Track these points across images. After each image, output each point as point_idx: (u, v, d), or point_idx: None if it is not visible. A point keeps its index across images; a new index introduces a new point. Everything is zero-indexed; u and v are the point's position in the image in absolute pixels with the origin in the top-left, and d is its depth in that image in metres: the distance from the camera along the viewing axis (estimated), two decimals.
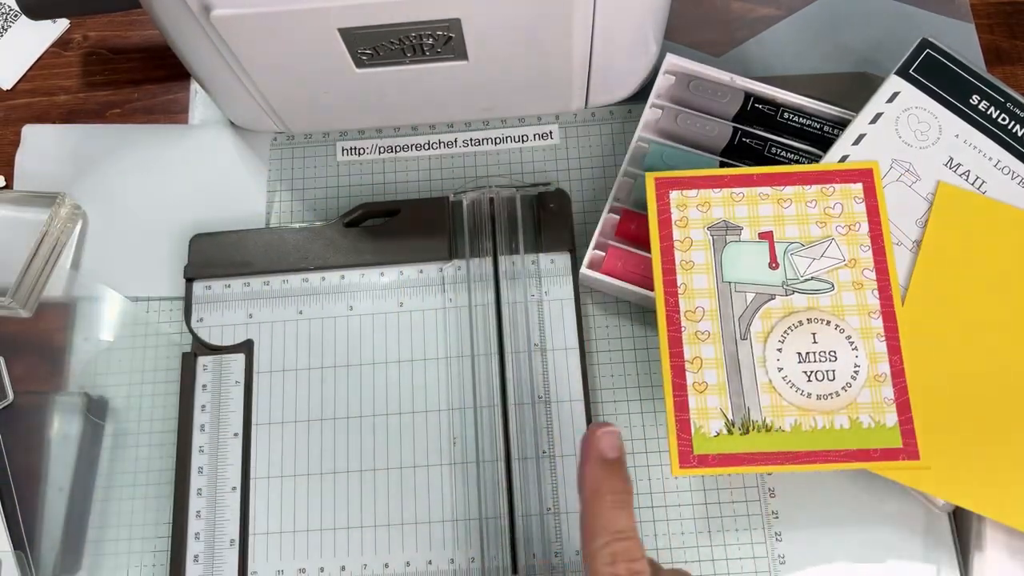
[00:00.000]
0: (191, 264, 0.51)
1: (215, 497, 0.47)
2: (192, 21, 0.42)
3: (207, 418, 0.49)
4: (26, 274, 0.51)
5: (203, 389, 0.49)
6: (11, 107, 0.58)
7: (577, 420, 0.47)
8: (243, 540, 0.47)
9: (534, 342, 0.49)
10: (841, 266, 0.44)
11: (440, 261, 0.51)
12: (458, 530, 0.46)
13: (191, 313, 0.50)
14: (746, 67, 0.56)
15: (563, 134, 0.55)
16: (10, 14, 0.60)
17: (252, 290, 0.51)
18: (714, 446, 0.42)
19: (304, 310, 0.50)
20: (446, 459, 0.47)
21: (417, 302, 0.50)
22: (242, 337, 0.50)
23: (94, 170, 0.55)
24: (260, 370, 0.49)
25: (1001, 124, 0.47)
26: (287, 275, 0.51)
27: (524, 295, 0.50)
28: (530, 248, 0.50)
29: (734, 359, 0.43)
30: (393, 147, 0.55)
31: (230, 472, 0.48)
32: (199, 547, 0.46)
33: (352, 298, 0.50)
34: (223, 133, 0.56)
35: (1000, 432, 0.43)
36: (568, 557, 0.45)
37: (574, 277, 0.50)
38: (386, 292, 0.51)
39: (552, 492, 0.46)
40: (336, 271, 0.51)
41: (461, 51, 0.45)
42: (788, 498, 0.47)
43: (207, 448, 0.48)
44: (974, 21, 0.57)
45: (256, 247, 0.51)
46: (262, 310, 0.50)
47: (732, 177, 0.46)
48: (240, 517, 0.47)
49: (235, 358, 0.50)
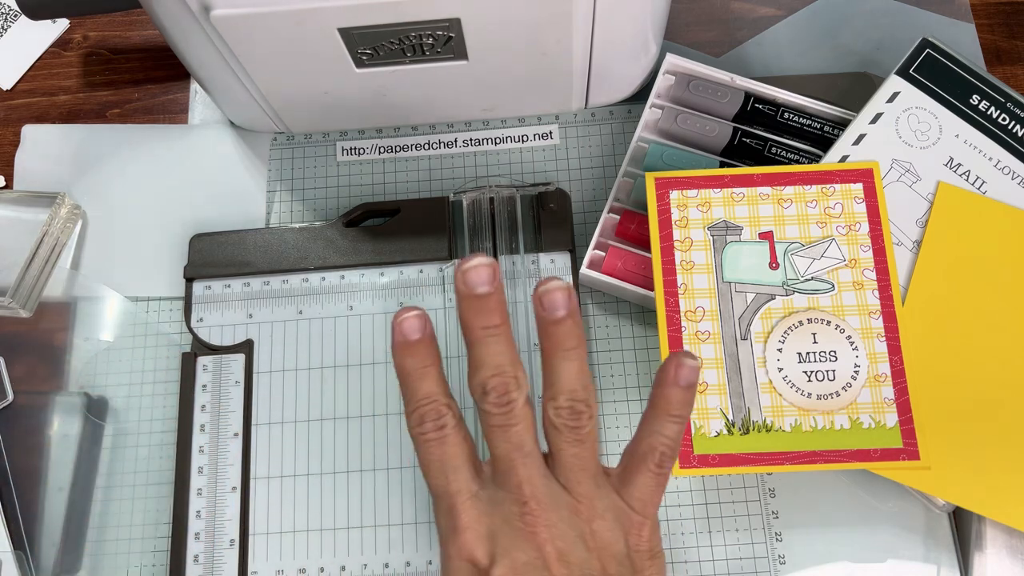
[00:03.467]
0: (191, 264, 0.51)
1: (215, 497, 0.47)
2: (192, 21, 0.42)
3: (207, 418, 0.49)
4: (26, 274, 0.51)
5: (203, 389, 0.49)
6: (11, 107, 0.58)
7: None
8: (243, 540, 0.47)
9: (533, 342, 0.48)
10: (841, 266, 0.44)
11: (440, 261, 0.51)
12: None
13: (191, 313, 0.50)
14: (746, 67, 0.56)
15: (563, 134, 0.55)
16: (10, 14, 0.60)
17: (252, 290, 0.51)
18: (714, 446, 0.42)
19: (304, 310, 0.50)
20: None
21: (417, 302, 0.50)
22: (242, 337, 0.50)
23: (94, 170, 0.55)
24: (260, 370, 0.49)
25: (1001, 124, 0.47)
26: (287, 275, 0.51)
27: (524, 295, 0.49)
28: (530, 248, 0.51)
29: (734, 359, 0.43)
30: (393, 147, 0.55)
31: (230, 472, 0.48)
32: (199, 547, 0.46)
33: (352, 298, 0.51)
34: (223, 133, 0.56)
35: (1000, 432, 0.43)
36: None
37: (574, 277, 0.50)
38: (386, 292, 0.51)
39: None
40: (336, 271, 0.51)
41: (461, 51, 0.45)
42: (788, 498, 0.47)
43: (207, 448, 0.48)
44: (974, 21, 0.57)
45: (256, 247, 0.51)
46: (262, 310, 0.50)
47: (732, 177, 0.46)
48: (240, 517, 0.47)
49: (235, 358, 0.50)
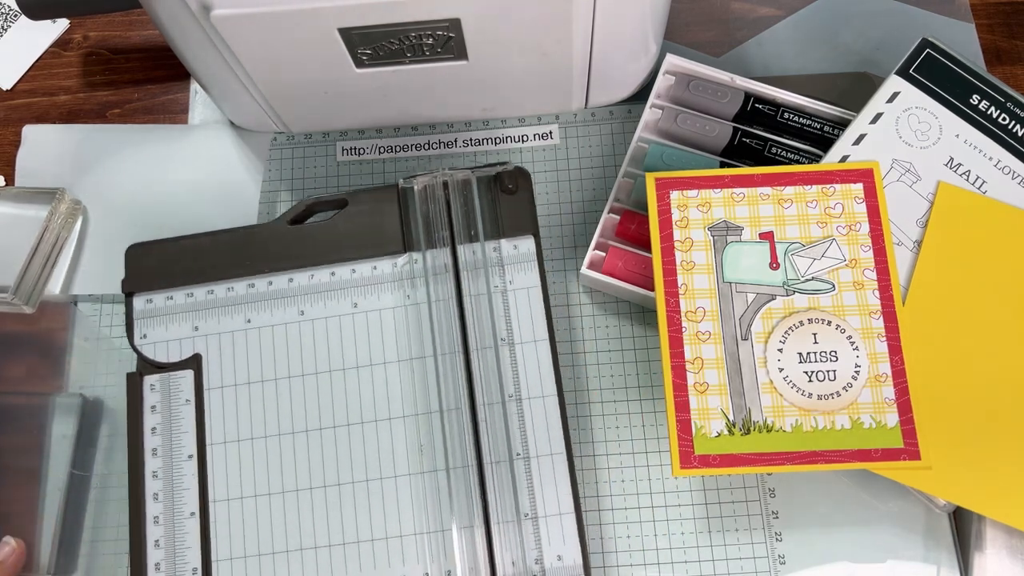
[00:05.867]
0: (129, 277, 0.48)
1: (173, 524, 0.45)
2: (192, 21, 0.42)
3: (158, 441, 0.46)
4: (28, 270, 0.51)
5: (152, 410, 0.46)
6: (11, 107, 0.58)
7: (551, 417, 0.45)
8: (206, 568, 0.44)
9: (500, 336, 0.46)
10: (842, 266, 0.44)
11: (394, 255, 0.48)
12: (432, 542, 0.44)
13: (133, 330, 0.47)
14: (746, 67, 0.56)
15: (563, 134, 0.55)
16: (10, 14, 0.60)
17: (196, 300, 0.48)
18: (715, 446, 0.42)
19: (252, 318, 0.47)
20: (414, 468, 0.45)
21: (373, 301, 0.47)
22: (189, 352, 0.47)
23: (94, 170, 0.55)
24: (211, 386, 0.46)
25: (1001, 124, 0.47)
26: (232, 282, 0.48)
27: (487, 286, 0.47)
28: (490, 234, 0.47)
29: (735, 359, 0.43)
30: (393, 147, 0.55)
31: (187, 497, 0.45)
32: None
33: (303, 302, 0.47)
34: (223, 133, 0.56)
35: (1001, 432, 0.43)
36: (549, 563, 0.43)
37: (539, 263, 0.47)
38: (338, 293, 0.47)
39: (529, 496, 0.44)
40: (283, 274, 0.48)
41: (461, 51, 0.45)
42: (788, 498, 0.47)
43: (161, 473, 0.45)
44: (974, 21, 0.57)
45: (196, 253, 0.48)
46: (208, 321, 0.47)
47: (732, 177, 0.46)
48: (201, 544, 0.44)
49: (183, 375, 0.47)
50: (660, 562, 0.47)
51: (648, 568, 0.47)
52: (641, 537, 0.47)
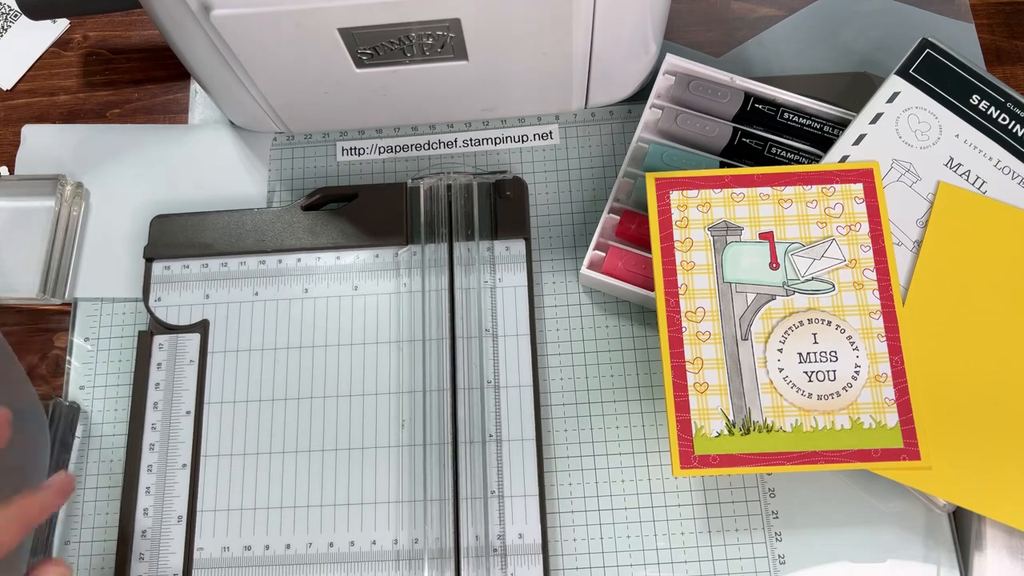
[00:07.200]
0: (151, 244, 0.52)
1: (165, 474, 0.48)
2: (192, 21, 0.42)
3: (160, 396, 0.49)
4: (49, 264, 0.51)
5: (158, 368, 0.50)
6: (11, 107, 0.58)
7: (525, 405, 0.48)
8: (191, 517, 0.47)
9: (485, 327, 0.49)
10: (842, 266, 0.44)
11: (396, 246, 0.51)
12: (403, 511, 0.47)
13: (149, 292, 0.51)
14: (746, 67, 0.56)
15: (563, 134, 0.55)
16: (10, 14, 0.60)
17: (210, 271, 0.51)
18: (715, 447, 0.42)
19: (260, 292, 0.51)
20: (394, 441, 0.48)
21: (372, 286, 0.51)
22: (198, 317, 0.50)
23: (94, 170, 0.55)
24: (214, 350, 0.50)
25: (1001, 124, 0.47)
26: (245, 257, 0.51)
27: (478, 281, 0.50)
28: (485, 235, 0.51)
29: (735, 359, 0.43)
30: (393, 147, 0.55)
31: (181, 450, 0.48)
32: (147, 522, 0.47)
33: (308, 281, 0.51)
34: (223, 133, 0.56)
35: (1001, 432, 0.43)
36: (511, 540, 0.46)
37: (528, 264, 0.50)
38: (342, 275, 0.51)
39: (497, 475, 0.47)
40: (293, 254, 0.51)
41: (461, 51, 0.45)
42: (788, 498, 0.47)
43: (159, 426, 0.49)
44: (974, 21, 0.57)
45: (216, 229, 0.52)
46: (219, 291, 0.51)
47: (732, 177, 0.46)
48: (189, 494, 0.47)
49: (190, 337, 0.50)
50: (660, 562, 0.47)
51: (648, 568, 0.47)
52: (641, 537, 0.47)
